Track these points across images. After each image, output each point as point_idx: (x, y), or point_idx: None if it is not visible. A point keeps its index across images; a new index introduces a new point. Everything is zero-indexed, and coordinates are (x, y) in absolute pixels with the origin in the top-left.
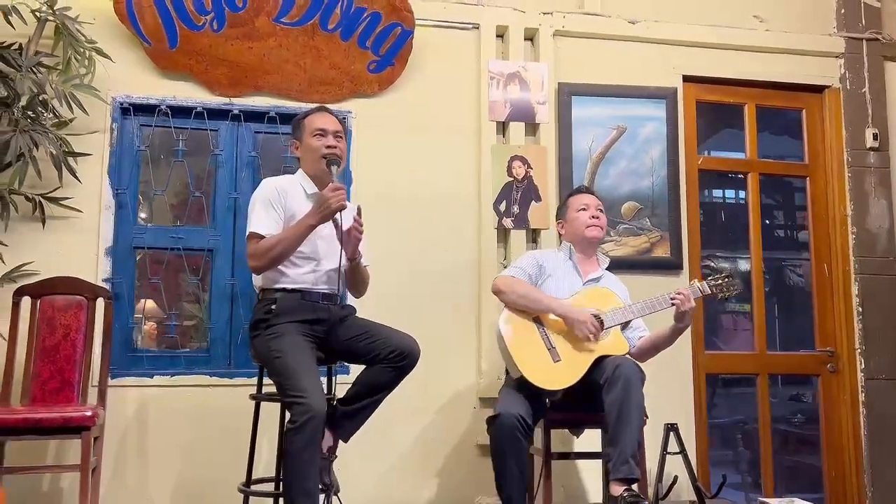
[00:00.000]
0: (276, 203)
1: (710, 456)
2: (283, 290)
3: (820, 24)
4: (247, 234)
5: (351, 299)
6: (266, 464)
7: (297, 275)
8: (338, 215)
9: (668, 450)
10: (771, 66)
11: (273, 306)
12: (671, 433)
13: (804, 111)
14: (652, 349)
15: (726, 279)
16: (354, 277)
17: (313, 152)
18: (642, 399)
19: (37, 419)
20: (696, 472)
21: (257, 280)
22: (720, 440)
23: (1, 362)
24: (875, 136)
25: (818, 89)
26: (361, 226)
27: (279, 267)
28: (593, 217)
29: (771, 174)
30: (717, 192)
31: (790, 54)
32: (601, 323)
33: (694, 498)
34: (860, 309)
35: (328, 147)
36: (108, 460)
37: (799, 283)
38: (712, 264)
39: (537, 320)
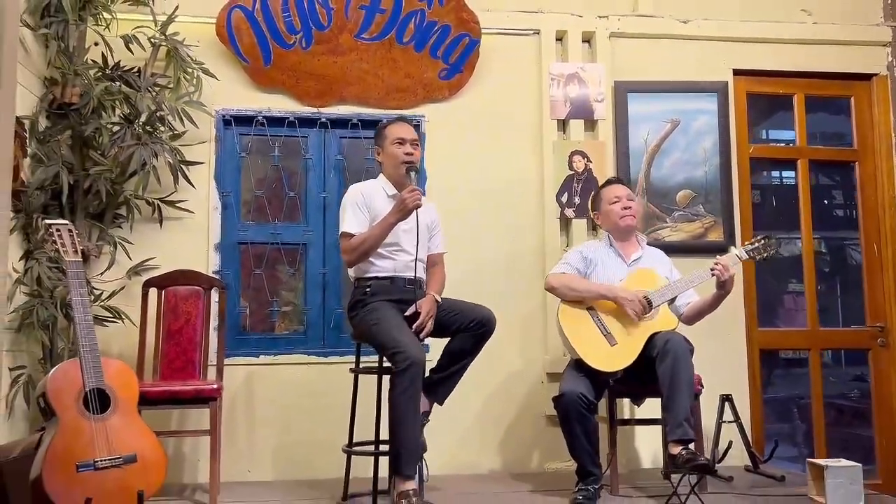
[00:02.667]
0: (362, 205)
1: (767, 428)
2: (375, 277)
3: (867, 14)
4: (339, 233)
5: None
6: (364, 429)
7: (385, 264)
8: (415, 212)
9: (724, 419)
10: (819, 57)
11: (368, 289)
12: (726, 403)
13: (852, 98)
14: (699, 314)
15: (762, 241)
16: None
17: (393, 159)
18: (691, 368)
19: (174, 391)
20: (751, 440)
21: (352, 271)
22: (778, 414)
23: (130, 344)
24: None
25: (866, 77)
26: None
27: (370, 259)
28: (625, 208)
29: (821, 160)
30: (775, 173)
31: (838, 45)
32: (650, 303)
33: (748, 462)
34: None
35: (406, 154)
36: (222, 427)
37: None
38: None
39: (591, 310)
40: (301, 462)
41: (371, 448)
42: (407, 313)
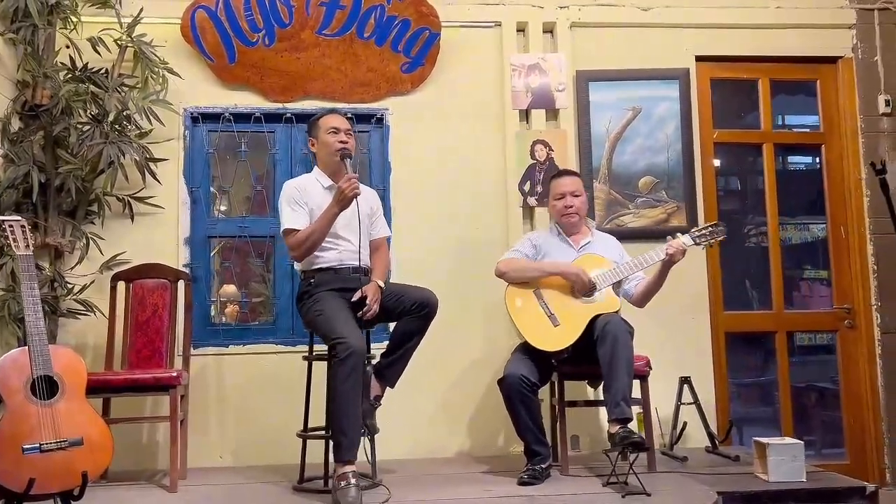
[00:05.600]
0: (298, 200)
1: (750, 413)
2: (319, 269)
3: None
4: (282, 231)
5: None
6: (319, 414)
7: (329, 255)
8: (355, 200)
9: (683, 401)
10: (784, 41)
11: (313, 280)
12: (685, 385)
13: (818, 81)
14: (648, 293)
15: (710, 228)
16: None
17: (327, 147)
18: (630, 350)
19: (135, 379)
20: (716, 422)
21: (298, 265)
22: (761, 399)
23: (104, 336)
24: (887, 103)
25: (831, 60)
26: (371, 308)
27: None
28: (567, 206)
29: (786, 144)
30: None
31: (803, 28)
32: (594, 286)
33: (707, 444)
34: (875, 267)
35: (341, 142)
36: (193, 416)
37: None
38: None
39: (537, 293)
40: (271, 447)
41: (323, 432)
42: (353, 299)
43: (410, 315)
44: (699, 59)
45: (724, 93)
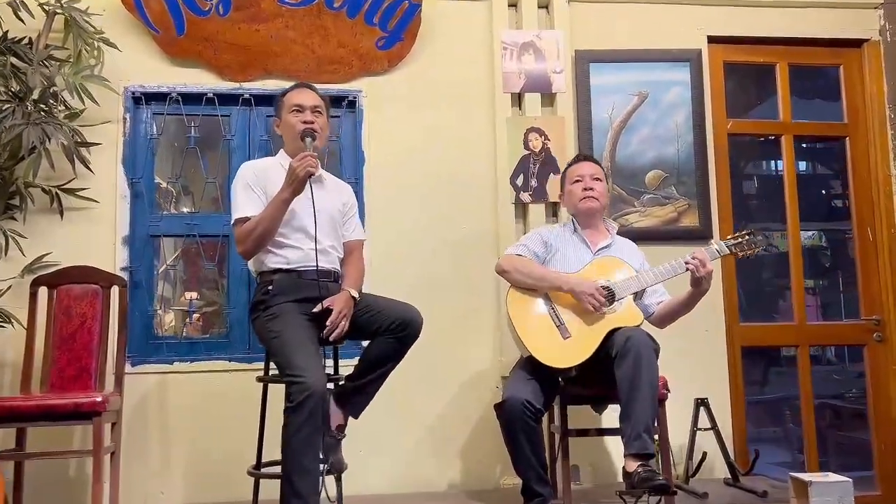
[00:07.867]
0: (254, 185)
1: (760, 434)
2: (279, 270)
3: None
4: (232, 222)
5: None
6: (277, 444)
7: (290, 254)
8: (314, 189)
9: (699, 426)
10: (804, 21)
11: (270, 287)
12: (701, 408)
13: (841, 67)
14: (671, 315)
15: (747, 237)
16: None
17: (290, 129)
18: (655, 371)
19: (49, 405)
20: (733, 448)
21: (252, 265)
22: (773, 417)
23: (20, 351)
24: None
25: (856, 43)
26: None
27: (272, 249)
28: (587, 189)
29: (807, 136)
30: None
31: (824, 8)
32: (612, 294)
33: (728, 475)
34: None
35: (304, 122)
36: (131, 444)
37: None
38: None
39: (546, 297)
40: (220, 482)
41: (280, 469)
42: (314, 310)
43: (387, 335)
44: (711, 39)
45: (737, 78)
